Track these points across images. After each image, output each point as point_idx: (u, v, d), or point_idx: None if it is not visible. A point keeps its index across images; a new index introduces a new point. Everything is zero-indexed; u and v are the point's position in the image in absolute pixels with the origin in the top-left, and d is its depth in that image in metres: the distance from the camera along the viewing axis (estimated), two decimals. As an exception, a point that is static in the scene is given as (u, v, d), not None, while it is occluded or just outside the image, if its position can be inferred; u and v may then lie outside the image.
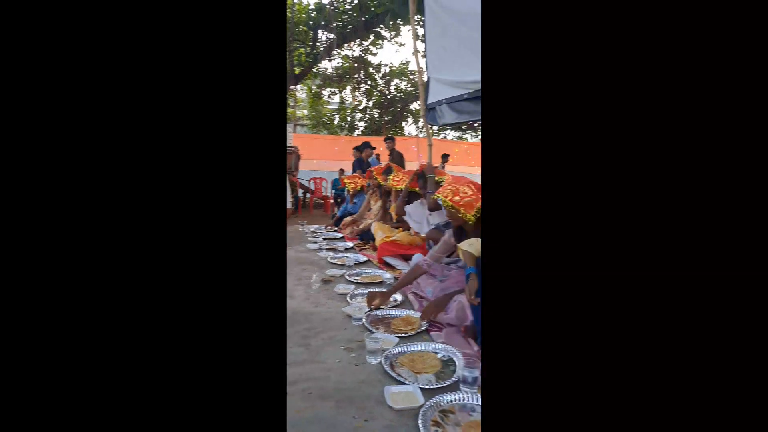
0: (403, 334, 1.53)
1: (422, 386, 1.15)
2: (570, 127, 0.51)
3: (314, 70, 9.93)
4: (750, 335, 0.45)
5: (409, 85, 11.34)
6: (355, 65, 10.54)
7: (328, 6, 8.32)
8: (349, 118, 12.13)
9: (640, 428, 0.47)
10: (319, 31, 8.86)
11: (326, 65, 10.25)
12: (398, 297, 1.93)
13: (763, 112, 0.45)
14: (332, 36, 8.83)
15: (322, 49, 9.18)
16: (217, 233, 0.53)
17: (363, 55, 10.51)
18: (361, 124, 12.23)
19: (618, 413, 0.47)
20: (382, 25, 9.14)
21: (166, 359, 0.51)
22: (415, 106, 11.41)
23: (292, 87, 9.87)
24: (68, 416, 0.47)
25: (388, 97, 11.59)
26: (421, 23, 3.34)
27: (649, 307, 0.48)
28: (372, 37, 9.99)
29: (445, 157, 7.58)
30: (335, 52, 9.74)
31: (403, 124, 12.54)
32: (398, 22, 9.01)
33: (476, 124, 12.91)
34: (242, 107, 0.54)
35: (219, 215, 0.53)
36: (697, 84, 0.47)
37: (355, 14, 8.77)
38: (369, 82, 11.36)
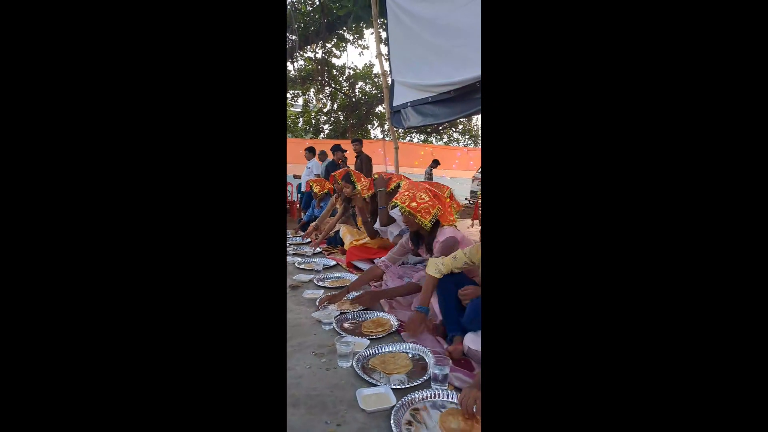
0: (373, 336, 1.53)
1: (394, 387, 1.16)
2: (570, 126, 0.51)
3: (276, 71, 9.70)
4: (750, 335, 0.45)
5: (373, 88, 11.39)
6: (318, 67, 10.45)
7: (289, 7, 8.20)
8: (313, 121, 11.99)
9: (640, 428, 0.46)
10: (281, 33, 8.68)
11: (288, 67, 10.09)
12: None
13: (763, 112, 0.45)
14: (294, 37, 8.71)
15: (284, 50, 9.01)
16: (216, 234, 0.53)
17: (326, 57, 10.44)
18: (326, 127, 12.13)
19: (618, 414, 0.47)
20: (344, 28, 9.13)
21: (164, 360, 0.50)
22: (380, 109, 11.48)
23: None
24: (63, 419, 0.47)
25: (353, 99, 11.58)
26: (384, 26, 3.37)
27: (650, 306, 0.48)
28: (335, 40, 9.95)
29: (435, 163, 7.62)
30: (297, 54, 9.61)
31: (369, 127, 12.58)
32: (361, 24, 9.04)
33: (440, 128, 13.17)
34: (242, 108, 0.54)
35: (218, 216, 0.53)
36: (696, 83, 0.47)
37: (317, 16, 8.70)
38: (333, 85, 11.30)
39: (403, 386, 1.17)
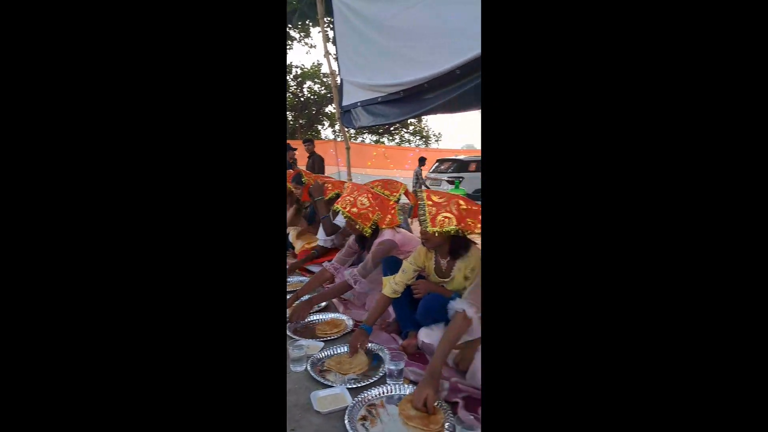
0: (328, 338, 1.51)
1: (350, 386, 1.15)
2: (570, 126, 0.50)
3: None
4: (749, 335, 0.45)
5: (323, 88, 11.25)
6: (265, 66, 10.09)
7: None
8: (261, 121, 11.56)
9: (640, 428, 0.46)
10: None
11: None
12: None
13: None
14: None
15: (227, 46, 8.59)
16: (216, 234, 0.52)
17: (273, 55, 10.11)
18: (275, 127, 11.75)
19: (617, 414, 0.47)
20: (290, 25, 8.91)
21: (163, 360, 0.50)
22: (330, 109, 11.37)
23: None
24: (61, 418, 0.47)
25: (302, 99, 11.36)
26: (331, 25, 3.34)
27: (650, 308, 0.48)
28: (282, 38, 9.66)
29: (422, 161, 7.61)
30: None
31: (320, 127, 12.41)
32: (307, 22, 8.88)
33: (392, 128, 13.32)
34: (242, 107, 0.53)
35: (218, 215, 0.52)
36: (698, 83, 0.47)
37: (262, 12, 8.40)
38: (281, 84, 10.97)
39: (359, 385, 1.16)
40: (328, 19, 3.41)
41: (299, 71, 11.12)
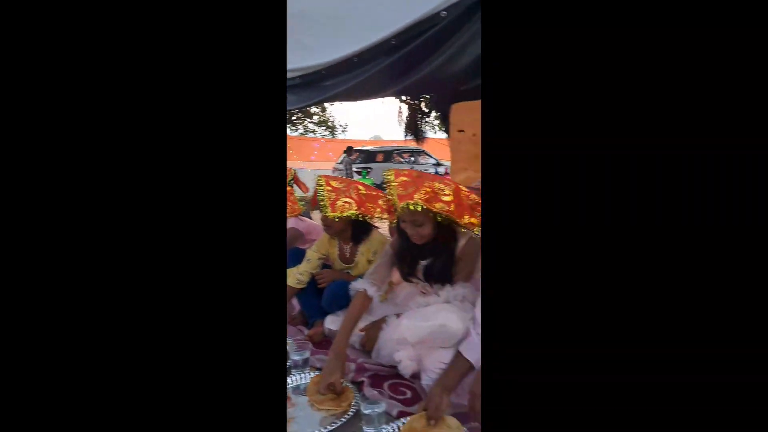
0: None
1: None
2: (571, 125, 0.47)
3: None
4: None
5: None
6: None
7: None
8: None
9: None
10: None
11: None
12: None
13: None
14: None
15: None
16: (216, 234, 0.51)
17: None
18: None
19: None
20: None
21: (162, 360, 0.49)
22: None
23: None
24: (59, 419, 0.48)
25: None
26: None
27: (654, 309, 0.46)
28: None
29: (349, 150, 7.33)
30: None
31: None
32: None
33: (294, 117, 12.83)
34: (242, 107, 0.52)
35: (218, 215, 0.52)
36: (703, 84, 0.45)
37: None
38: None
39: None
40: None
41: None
